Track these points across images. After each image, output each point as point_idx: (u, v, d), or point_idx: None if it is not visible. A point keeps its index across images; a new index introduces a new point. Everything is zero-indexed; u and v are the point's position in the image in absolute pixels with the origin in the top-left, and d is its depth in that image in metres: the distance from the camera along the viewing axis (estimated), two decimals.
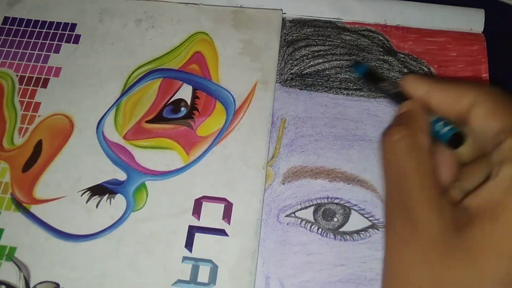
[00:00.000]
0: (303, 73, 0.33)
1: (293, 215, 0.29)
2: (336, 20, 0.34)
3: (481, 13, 0.34)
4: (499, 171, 0.19)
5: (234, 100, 0.31)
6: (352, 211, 0.29)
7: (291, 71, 0.33)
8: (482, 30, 0.34)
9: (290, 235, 0.28)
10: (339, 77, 0.33)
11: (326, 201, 0.29)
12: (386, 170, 0.22)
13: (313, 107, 0.32)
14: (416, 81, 0.24)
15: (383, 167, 0.23)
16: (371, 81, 0.29)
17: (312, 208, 0.29)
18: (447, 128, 0.22)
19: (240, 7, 0.35)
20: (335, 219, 0.29)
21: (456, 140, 0.22)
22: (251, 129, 0.30)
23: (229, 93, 0.32)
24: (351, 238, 0.28)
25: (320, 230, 0.28)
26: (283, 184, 0.30)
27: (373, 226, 0.28)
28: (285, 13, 0.35)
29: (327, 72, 0.33)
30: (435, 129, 0.23)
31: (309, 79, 0.33)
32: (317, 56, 0.33)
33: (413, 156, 0.21)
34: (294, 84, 0.32)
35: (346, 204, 0.29)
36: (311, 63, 0.33)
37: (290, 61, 0.33)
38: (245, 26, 0.34)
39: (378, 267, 0.27)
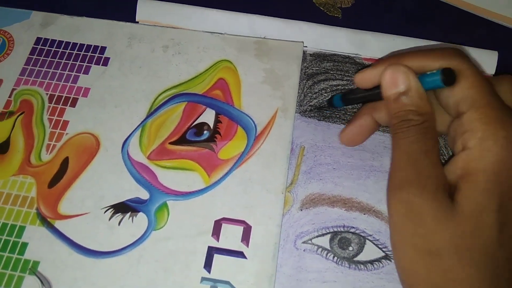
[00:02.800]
0: (321, 106, 0.34)
1: (309, 241, 0.29)
2: (354, 55, 0.36)
3: (495, 56, 0.35)
4: (466, 143, 0.22)
5: (255, 125, 0.33)
6: (367, 241, 0.30)
7: (310, 103, 0.34)
8: (494, 72, 0.35)
9: (306, 262, 0.29)
10: (356, 111, 0.34)
11: (342, 229, 0.30)
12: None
13: (331, 136, 0.33)
14: (379, 65, 0.26)
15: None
16: (351, 100, 0.31)
17: (328, 236, 0.30)
18: (435, 71, 0.23)
19: (263, 38, 0.36)
20: (350, 248, 0.29)
21: (449, 78, 0.23)
22: (271, 154, 0.31)
23: (251, 119, 0.33)
24: (365, 268, 0.29)
25: (335, 258, 0.29)
26: (301, 210, 0.30)
27: (386, 257, 0.29)
28: (306, 46, 0.36)
29: (344, 106, 0.34)
30: (424, 79, 0.23)
31: (327, 112, 0.34)
32: (335, 91, 0.35)
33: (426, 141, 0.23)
34: (312, 115, 0.34)
35: (361, 234, 0.30)
36: (329, 97, 0.34)
37: (310, 94, 0.35)
38: (268, 56, 0.35)
39: None
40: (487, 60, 0.35)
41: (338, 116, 0.34)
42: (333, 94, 0.34)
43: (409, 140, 0.23)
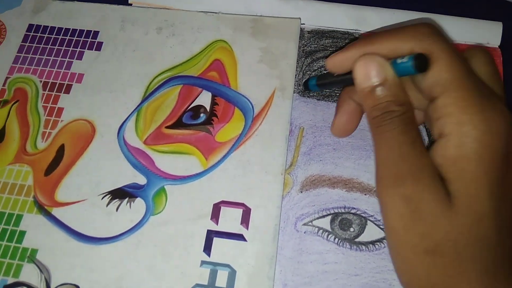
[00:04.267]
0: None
1: (310, 223, 0.29)
2: (353, 31, 0.35)
3: (499, 27, 0.34)
4: (443, 129, 0.21)
5: (252, 106, 0.32)
6: (368, 221, 0.29)
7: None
8: (499, 44, 0.34)
9: (307, 244, 0.28)
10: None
11: (343, 210, 0.29)
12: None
13: (331, 117, 0.32)
14: (350, 50, 0.24)
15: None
16: (325, 85, 0.29)
17: (329, 217, 0.29)
18: (407, 58, 0.22)
19: (259, 16, 0.35)
20: (352, 229, 0.29)
21: (421, 64, 0.21)
22: (269, 135, 0.31)
23: (248, 100, 0.32)
24: (367, 249, 0.28)
25: (336, 239, 0.29)
26: (301, 192, 0.30)
27: None
28: (303, 24, 0.35)
29: (319, 91, 0.33)
30: (396, 66, 0.22)
31: (327, 90, 0.33)
32: None
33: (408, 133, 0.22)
34: (312, 94, 0.33)
35: (362, 215, 0.29)
36: (305, 80, 0.33)
37: (308, 72, 0.34)
38: (264, 35, 0.34)
39: (391, 278, 0.27)
40: (491, 32, 0.34)
41: (338, 94, 0.33)
42: (308, 77, 0.32)
43: (396, 132, 0.21)
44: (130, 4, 0.37)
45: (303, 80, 0.33)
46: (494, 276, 0.20)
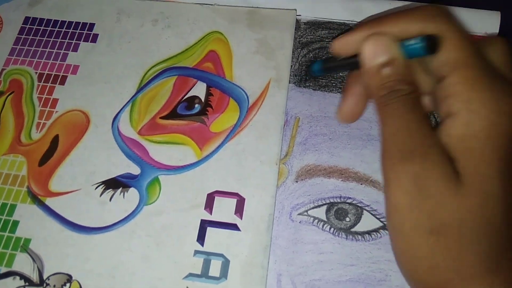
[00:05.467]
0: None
1: (305, 213, 0.29)
2: (350, 22, 0.35)
3: (497, 16, 0.34)
4: (451, 108, 0.20)
5: (247, 97, 0.32)
6: (364, 211, 0.29)
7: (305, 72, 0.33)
8: (497, 33, 0.33)
9: (302, 234, 0.28)
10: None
11: (338, 200, 0.29)
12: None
13: (327, 106, 0.32)
14: (358, 32, 0.23)
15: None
16: (332, 69, 0.28)
17: (325, 207, 0.29)
18: (417, 40, 0.21)
19: (255, 7, 0.35)
20: (347, 219, 0.28)
21: (432, 46, 0.21)
22: (264, 125, 0.31)
23: (243, 90, 0.32)
24: (363, 239, 0.28)
25: (332, 229, 0.28)
26: (296, 182, 0.29)
27: (384, 227, 0.28)
28: (299, 15, 0.35)
29: (340, 74, 0.33)
30: (406, 47, 0.22)
31: (323, 80, 0.33)
32: None
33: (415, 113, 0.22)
34: (308, 84, 0.33)
35: (358, 204, 0.29)
36: (308, 65, 0.33)
37: (305, 63, 0.33)
38: (260, 26, 0.34)
39: (387, 268, 0.27)
40: (489, 21, 0.34)
41: (334, 84, 0.32)
42: (312, 61, 0.32)
43: (403, 110, 0.21)
44: None
45: (302, 68, 0.33)
46: (498, 260, 0.19)
